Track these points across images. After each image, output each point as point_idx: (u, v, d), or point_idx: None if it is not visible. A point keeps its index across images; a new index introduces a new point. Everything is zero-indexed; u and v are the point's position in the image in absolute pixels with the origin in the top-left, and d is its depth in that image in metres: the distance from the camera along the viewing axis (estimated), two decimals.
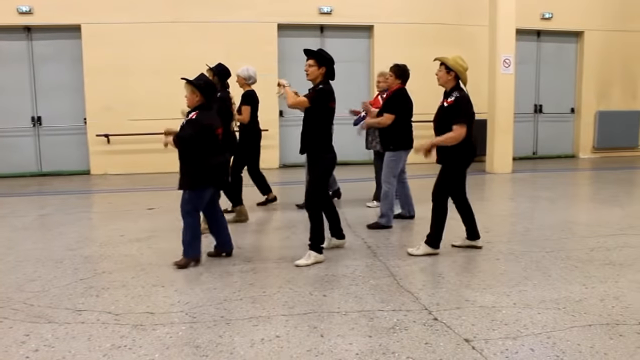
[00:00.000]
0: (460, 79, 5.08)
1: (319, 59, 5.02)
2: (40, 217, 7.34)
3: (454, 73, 5.05)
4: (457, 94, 5.02)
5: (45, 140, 11.53)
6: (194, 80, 4.92)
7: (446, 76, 5.08)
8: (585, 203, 8.41)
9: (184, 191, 4.95)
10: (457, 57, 5.10)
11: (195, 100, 4.90)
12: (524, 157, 13.26)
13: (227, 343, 3.37)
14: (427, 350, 3.23)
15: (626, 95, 13.68)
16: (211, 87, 5.06)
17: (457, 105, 4.98)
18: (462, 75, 5.06)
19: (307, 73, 5.07)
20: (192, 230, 4.94)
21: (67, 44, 11.36)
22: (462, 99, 4.99)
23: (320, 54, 5.04)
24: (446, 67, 5.06)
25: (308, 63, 5.05)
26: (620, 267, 4.78)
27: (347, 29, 12.26)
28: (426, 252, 5.21)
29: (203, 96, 4.89)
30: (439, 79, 5.16)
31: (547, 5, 12.93)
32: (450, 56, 5.11)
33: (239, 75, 7.21)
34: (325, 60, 5.02)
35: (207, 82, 5.04)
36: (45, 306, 4.02)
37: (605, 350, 3.20)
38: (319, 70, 5.01)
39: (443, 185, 5.18)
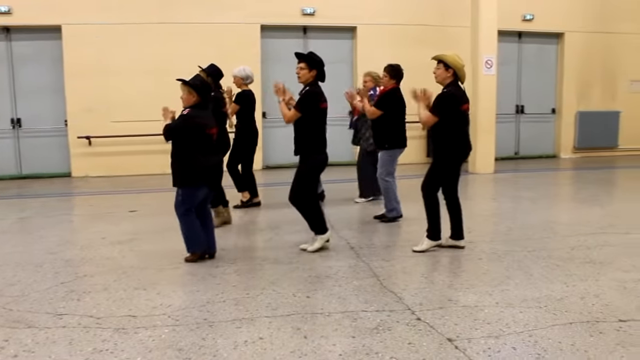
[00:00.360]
0: (458, 77, 5.18)
1: (310, 62, 5.17)
2: (20, 220, 7.25)
3: (452, 70, 5.14)
4: (445, 89, 5.17)
5: (25, 143, 11.39)
6: (190, 80, 4.96)
7: (445, 73, 5.17)
8: (566, 203, 8.50)
9: (177, 191, 4.98)
10: (455, 55, 5.22)
11: (192, 101, 4.92)
12: (506, 157, 13.37)
13: (210, 345, 3.35)
14: (411, 350, 3.24)
15: (606, 96, 13.85)
16: (207, 88, 5.12)
17: (438, 99, 5.16)
18: (460, 72, 5.16)
19: (298, 76, 5.22)
20: (189, 225, 5.01)
21: (47, 44, 11.23)
22: (444, 96, 5.13)
23: (311, 57, 5.19)
24: (445, 64, 5.15)
25: (299, 66, 5.19)
26: (600, 266, 4.83)
27: (330, 30, 12.27)
28: (429, 245, 5.33)
29: (199, 96, 4.92)
30: (437, 76, 5.24)
31: (528, 7, 13.06)
32: (449, 53, 5.25)
33: (236, 76, 7.29)
34: (315, 63, 5.17)
35: (203, 82, 5.11)
36: (24, 311, 3.96)
37: (585, 348, 3.23)
38: (310, 72, 5.17)
39: (433, 178, 5.30)
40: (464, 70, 5.21)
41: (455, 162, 5.27)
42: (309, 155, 5.23)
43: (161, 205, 8.08)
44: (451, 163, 5.26)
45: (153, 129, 11.01)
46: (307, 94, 5.15)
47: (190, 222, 5.01)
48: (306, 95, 5.15)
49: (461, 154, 5.28)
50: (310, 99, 5.15)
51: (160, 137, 11.43)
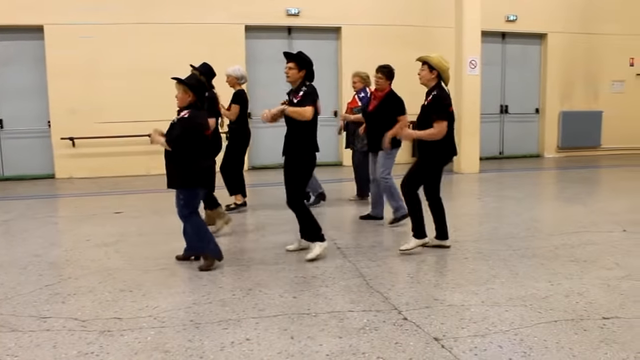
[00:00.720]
0: (442, 78, 5.16)
1: (299, 62, 5.08)
2: (3, 222, 7.16)
3: (436, 72, 5.12)
4: (436, 92, 5.11)
5: (8, 144, 11.26)
6: (186, 79, 4.86)
7: (429, 75, 5.14)
8: (550, 202, 8.58)
9: (178, 195, 4.86)
10: (440, 56, 5.17)
11: (187, 100, 4.80)
12: (491, 157, 13.46)
13: (197, 347, 3.33)
14: (397, 350, 3.25)
15: (588, 96, 14.01)
16: (203, 87, 5.04)
17: (435, 102, 5.07)
18: (444, 74, 5.15)
19: (287, 75, 5.12)
20: (199, 229, 4.92)
21: (29, 44, 11.10)
22: (440, 96, 5.08)
23: (300, 57, 5.10)
24: (429, 66, 5.12)
25: (288, 66, 5.10)
26: (584, 264, 4.88)
27: (314, 30, 12.28)
28: (416, 244, 5.29)
29: (195, 96, 4.82)
30: (422, 78, 5.21)
31: (512, 8, 13.17)
32: (433, 55, 5.20)
33: (231, 75, 7.20)
34: (305, 63, 5.10)
35: (199, 81, 5.04)
36: (8, 314, 3.91)
37: (570, 345, 3.27)
38: (299, 73, 5.08)
39: (414, 176, 5.28)
40: (448, 72, 5.19)
41: (440, 163, 5.27)
42: (302, 155, 5.10)
43: (146, 206, 8.03)
44: (436, 164, 5.26)
45: (138, 130, 10.97)
46: (311, 90, 5.06)
47: (198, 223, 4.94)
48: (310, 91, 5.06)
49: (447, 156, 5.28)
50: (314, 94, 5.06)
51: (144, 138, 11.41)
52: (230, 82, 7.24)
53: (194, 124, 4.77)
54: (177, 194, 4.88)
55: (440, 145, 5.13)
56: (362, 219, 6.79)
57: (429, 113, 5.09)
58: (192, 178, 4.79)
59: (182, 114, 4.78)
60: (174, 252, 5.43)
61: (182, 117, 4.76)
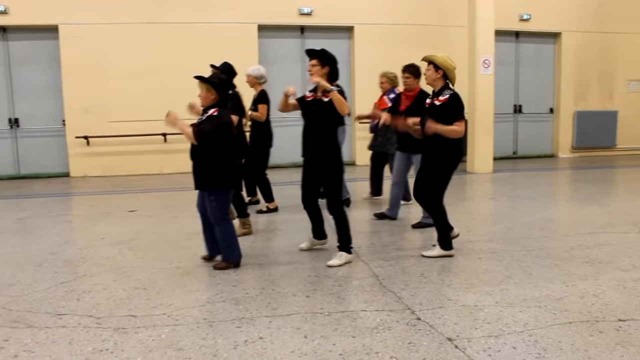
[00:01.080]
0: (448, 78, 5.08)
1: (323, 59, 4.92)
2: (19, 220, 7.23)
3: (442, 71, 5.04)
4: (451, 92, 5.02)
5: (23, 142, 11.37)
6: (209, 77, 4.80)
7: (435, 74, 5.06)
8: (565, 202, 8.51)
9: (209, 197, 4.76)
10: (446, 56, 5.09)
11: (211, 99, 4.72)
12: (505, 157, 13.39)
13: (210, 345, 3.35)
14: (411, 350, 3.24)
15: (603, 96, 13.88)
16: (227, 85, 4.98)
17: (453, 102, 4.98)
18: (450, 74, 5.06)
19: (310, 73, 4.95)
20: (229, 234, 4.86)
21: (44, 44, 11.21)
22: (456, 96, 5.01)
23: (323, 53, 4.94)
24: (435, 65, 5.05)
25: (311, 63, 4.94)
26: (599, 265, 4.84)
27: (327, 30, 12.28)
28: (439, 254, 5.15)
29: (219, 94, 4.74)
30: (427, 77, 5.14)
31: (526, 7, 13.08)
32: (439, 54, 5.12)
33: (250, 75, 7.14)
34: (328, 59, 4.94)
35: (223, 79, 4.96)
36: (24, 310, 3.96)
37: (585, 347, 3.24)
38: (323, 69, 4.92)
39: (434, 186, 5.10)
40: (454, 72, 5.09)
41: (452, 167, 5.11)
42: (329, 156, 4.94)
43: (160, 205, 8.08)
44: (448, 169, 5.09)
45: (150, 129, 11.06)
46: (341, 91, 4.91)
47: (230, 229, 4.87)
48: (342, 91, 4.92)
49: (457, 159, 5.14)
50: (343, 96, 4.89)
51: (157, 137, 11.46)
52: (251, 82, 7.19)
53: (225, 122, 4.72)
54: (208, 196, 4.77)
55: (456, 146, 5.05)
56: (376, 217, 6.78)
57: (445, 113, 4.95)
58: (223, 179, 4.72)
59: (210, 112, 4.69)
60: (188, 251, 5.46)
61: (211, 114, 4.67)
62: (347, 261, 5.00)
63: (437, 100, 5.06)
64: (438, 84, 5.10)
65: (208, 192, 4.76)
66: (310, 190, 5.18)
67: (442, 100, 5.01)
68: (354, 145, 12.41)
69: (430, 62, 5.09)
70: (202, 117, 4.73)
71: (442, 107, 5.00)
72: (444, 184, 5.12)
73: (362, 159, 12.08)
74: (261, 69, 7.24)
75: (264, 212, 7.35)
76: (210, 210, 4.79)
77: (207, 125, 4.62)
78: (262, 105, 7.08)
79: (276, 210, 7.42)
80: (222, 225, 4.82)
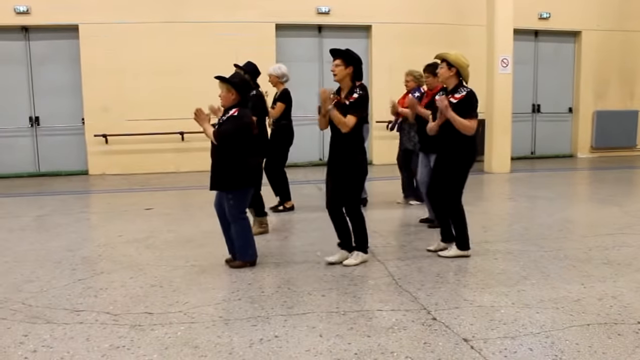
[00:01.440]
0: (461, 76, 5.06)
1: (346, 58, 4.82)
2: (38, 217, 7.33)
3: (455, 69, 5.01)
4: (467, 89, 5.01)
5: (43, 141, 11.52)
6: (230, 77, 4.78)
7: (448, 72, 5.04)
8: (583, 202, 8.42)
9: (227, 196, 4.76)
10: (459, 54, 5.08)
11: (231, 99, 4.72)
12: (522, 157, 13.28)
13: (226, 343, 3.36)
14: (426, 350, 3.23)
15: (624, 95, 13.70)
16: (247, 85, 4.98)
17: (469, 100, 4.99)
18: (463, 72, 5.03)
19: (334, 73, 4.86)
20: (245, 233, 4.87)
21: (64, 44, 11.35)
22: (472, 94, 5.01)
23: (347, 53, 4.84)
24: (448, 63, 5.03)
25: (335, 63, 4.85)
26: (618, 267, 4.78)
27: (345, 29, 12.27)
28: (456, 254, 5.12)
29: (239, 94, 4.74)
30: (440, 75, 5.15)
31: (545, 5, 12.95)
32: (452, 52, 5.10)
33: (272, 74, 7.17)
34: (352, 59, 4.84)
35: (243, 79, 4.98)
36: (43, 307, 4.01)
37: (603, 350, 3.20)
38: (346, 70, 4.81)
39: (450, 186, 5.07)
40: (467, 70, 5.05)
41: (467, 166, 5.08)
42: (353, 157, 4.84)
43: (176, 203, 8.14)
44: (464, 167, 5.06)
45: (167, 128, 11.16)
46: (362, 97, 4.80)
47: (246, 228, 4.88)
48: (361, 98, 4.80)
49: (472, 158, 5.13)
50: (365, 102, 4.83)
51: (174, 135, 11.55)
52: (273, 82, 7.21)
53: (246, 122, 4.72)
54: (226, 195, 4.78)
55: (470, 144, 5.04)
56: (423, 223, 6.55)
57: (459, 110, 4.93)
58: (241, 178, 4.72)
59: (231, 112, 4.70)
60: (204, 249, 5.50)
61: (232, 115, 4.69)
62: (363, 260, 4.97)
63: (453, 97, 5.02)
64: (451, 82, 5.08)
65: (226, 191, 4.76)
66: (334, 195, 4.95)
67: (459, 98, 4.99)
68: (371, 145, 12.38)
69: (444, 60, 5.07)
70: (223, 117, 4.75)
71: (459, 105, 4.97)
72: (460, 183, 5.08)
73: (379, 158, 12.06)
74: (282, 67, 7.24)
75: (280, 210, 7.36)
76: (228, 209, 4.79)
77: (228, 125, 4.65)
78: (280, 104, 7.09)
79: (292, 209, 7.43)
80: (239, 224, 4.82)
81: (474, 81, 5.14)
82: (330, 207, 4.97)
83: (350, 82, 4.86)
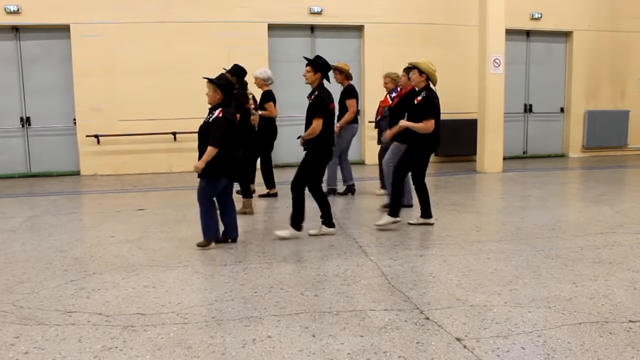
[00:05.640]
0: (430, 80, 6.06)
1: (315, 66, 5.77)
2: (30, 218, 7.29)
3: (425, 75, 6.03)
4: (425, 93, 6.03)
5: (35, 141, 11.44)
6: (215, 79, 5.42)
7: (419, 78, 6.08)
8: (575, 202, 8.46)
9: (200, 181, 5.40)
10: (427, 62, 6.11)
11: (217, 98, 5.37)
12: (514, 157, 13.32)
13: (219, 344, 3.36)
14: (419, 350, 3.24)
15: (615, 95, 13.77)
16: (231, 86, 5.62)
17: (426, 102, 5.98)
18: (432, 77, 6.05)
19: (305, 77, 5.85)
20: (206, 214, 5.43)
21: (55, 43, 11.27)
22: (430, 97, 5.98)
23: (315, 62, 5.79)
24: (419, 70, 6.03)
25: (306, 69, 5.82)
26: (610, 266, 4.81)
27: (337, 29, 12.26)
28: (389, 221, 6.16)
29: (223, 94, 5.39)
30: (413, 80, 6.21)
31: (537, 6, 13.00)
32: (422, 60, 6.13)
33: (258, 77, 7.86)
34: (319, 66, 5.77)
35: (228, 81, 5.60)
36: (35, 308, 3.99)
37: (595, 348, 3.22)
38: (315, 75, 5.79)
39: (405, 163, 6.19)
40: (435, 75, 6.04)
41: (426, 152, 6.17)
42: (316, 149, 5.77)
43: (168, 203, 8.11)
44: (421, 152, 6.13)
45: (160, 128, 11.13)
46: (316, 100, 5.73)
47: (207, 211, 5.42)
48: (316, 101, 5.73)
49: (433, 147, 6.16)
50: (320, 104, 5.71)
51: (166, 135, 11.54)
52: (258, 84, 7.88)
53: (230, 120, 5.36)
54: (200, 181, 5.40)
55: (428, 138, 6.01)
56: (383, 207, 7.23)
57: (419, 111, 5.99)
58: (214, 170, 5.29)
59: (215, 114, 5.31)
60: (197, 249, 5.48)
61: (216, 117, 5.28)
62: (292, 235, 5.80)
63: (416, 99, 6.12)
64: (421, 85, 6.12)
65: (200, 177, 5.36)
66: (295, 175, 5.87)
67: (419, 101, 6.07)
68: (363, 144, 12.40)
69: (415, 67, 6.08)
70: (210, 116, 5.37)
71: (418, 106, 6.06)
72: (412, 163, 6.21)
73: (371, 158, 12.07)
74: (268, 71, 7.95)
75: (264, 195, 8.20)
76: (198, 191, 5.40)
77: (217, 133, 5.23)
78: (269, 104, 7.79)
79: (275, 196, 8.22)
80: (204, 207, 5.41)
81: (466, 81, 5.37)
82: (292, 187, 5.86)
83: (317, 85, 5.81)
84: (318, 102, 5.72)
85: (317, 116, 5.66)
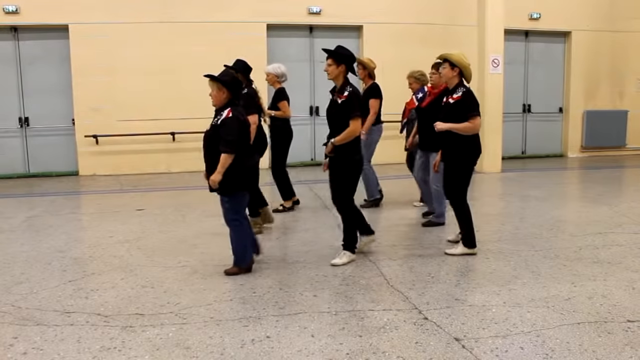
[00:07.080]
0: (464, 75, 5.12)
1: (337, 57, 4.89)
2: (28, 218, 7.28)
3: (458, 69, 5.07)
4: (464, 89, 5.08)
5: (33, 141, 11.42)
6: (219, 76, 4.61)
7: (451, 72, 5.09)
8: (573, 202, 8.47)
9: (223, 199, 4.62)
10: (461, 54, 5.14)
11: (223, 98, 4.53)
12: (513, 157, 13.32)
13: (218, 344, 3.36)
14: (418, 350, 3.24)
15: (613, 95, 13.78)
16: (238, 82, 4.77)
17: (467, 99, 5.04)
18: (466, 71, 5.09)
19: (327, 72, 4.96)
20: (242, 238, 4.70)
21: (54, 44, 11.25)
22: (470, 93, 5.08)
23: (336, 52, 4.92)
24: (450, 63, 5.07)
25: (327, 62, 4.93)
26: (608, 266, 4.81)
27: (336, 29, 12.26)
28: (463, 252, 5.18)
29: (230, 92, 4.55)
30: (444, 76, 5.21)
31: (535, 6, 13.00)
32: (454, 52, 5.16)
33: (271, 73, 7.07)
34: (342, 57, 4.90)
35: (234, 77, 4.76)
36: (33, 308, 3.98)
37: (593, 348, 3.22)
38: (338, 68, 4.89)
39: (455, 184, 5.15)
40: (470, 69, 5.12)
41: (470, 163, 5.18)
42: (347, 156, 4.86)
43: (167, 203, 8.10)
44: (467, 164, 5.16)
45: (159, 128, 11.11)
46: (351, 97, 4.83)
47: (242, 233, 4.70)
48: (351, 98, 4.83)
49: (475, 154, 5.21)
50: (357, 101, 4.87)
51: (164, 135, 11.52)
52: (270, 80, 7.14)
53: (242, 121, 4.57)
54: (221, 199, 4.64)
55: (468, 145, 5.10)
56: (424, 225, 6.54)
57: (459, 110, 5.02)
58: (237, 182, 4.54)
59: (224, 115, 4.49)
60: (195, 249, 5.48)
61: (225, 118, 4.47)
62: (350, 260, 4.99)
63: (451, 98, 5.11)
64: (453, 82, 5.13)
65: (222, 195, 4.62)
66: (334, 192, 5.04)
67: (456, 98, 5.07)
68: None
69: (446, 60, 5.11)
70: (217, 119, 4.53)
71: (456, 105, 5.05)
72: (464, 181, 5.17)
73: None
74: (282, 67, 7.13)
75: (279, 210, 7.14)
76: (224, 212, 4.67)
77: (229, 136, 4.43)
78: (283, 103, 7.02)
79: (292, 209, 7.32)
80: (234, 228, 4.69)
81: None
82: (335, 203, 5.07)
83: (343, 80, 4.92)
84: (355, 100, 4.83)
85: (356, 116, 4.77)
